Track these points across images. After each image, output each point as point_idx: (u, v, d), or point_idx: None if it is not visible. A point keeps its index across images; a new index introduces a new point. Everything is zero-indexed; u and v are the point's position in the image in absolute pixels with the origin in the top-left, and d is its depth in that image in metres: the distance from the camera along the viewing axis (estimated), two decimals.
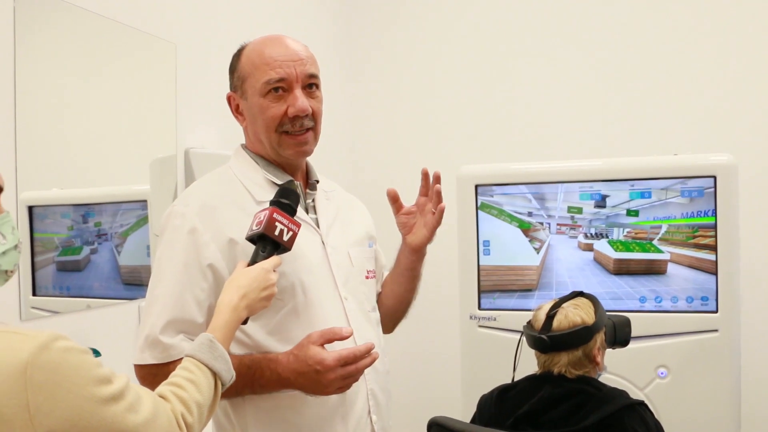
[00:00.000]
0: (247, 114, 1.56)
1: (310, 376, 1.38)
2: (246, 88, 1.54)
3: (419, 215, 1.71)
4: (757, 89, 3.16)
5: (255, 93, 1.52)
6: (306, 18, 3.37)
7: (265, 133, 1.53)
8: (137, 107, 2.27)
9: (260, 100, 1.51)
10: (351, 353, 1.39)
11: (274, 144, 1.54)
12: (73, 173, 2.07)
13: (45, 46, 1.92)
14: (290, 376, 1.40)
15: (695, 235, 2.54)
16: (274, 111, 1.51)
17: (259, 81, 1.51)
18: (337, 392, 1.42)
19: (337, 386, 1.40)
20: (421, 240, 1.70)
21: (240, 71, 1.55)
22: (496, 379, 2.07)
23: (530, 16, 3.49)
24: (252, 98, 1.53)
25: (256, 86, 1.51)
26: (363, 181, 3.65)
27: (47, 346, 0.93)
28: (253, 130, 1.56)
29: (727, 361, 2.51)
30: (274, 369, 1.41)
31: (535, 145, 3.43)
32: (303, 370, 1.38)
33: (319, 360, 1.37)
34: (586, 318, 1.90)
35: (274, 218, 1.35)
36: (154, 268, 1.48)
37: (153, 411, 1.03)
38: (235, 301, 1.27)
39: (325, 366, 1.37)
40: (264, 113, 1.52)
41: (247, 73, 1.53)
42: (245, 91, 1.54)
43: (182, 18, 2.45)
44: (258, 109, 1.52)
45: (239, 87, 1.56)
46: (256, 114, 1.53)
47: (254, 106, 1.53)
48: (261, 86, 1.51)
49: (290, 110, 1.51)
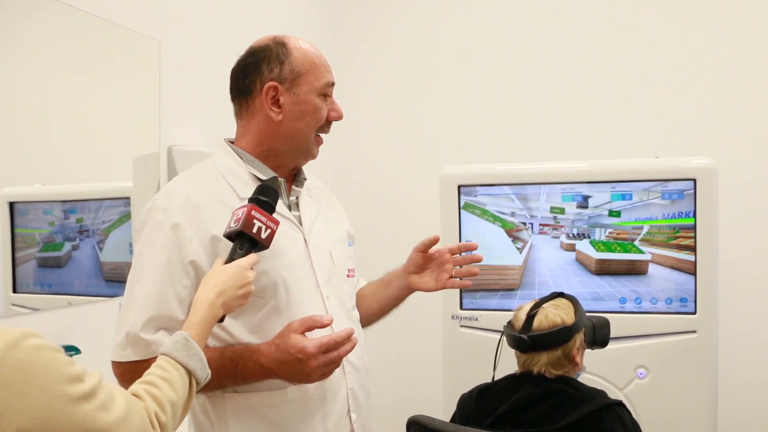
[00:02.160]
0: (291, 108, 1.53)
1: (292, 365, 1.38)
2: (300, 82, 1.53)
3: (435, 265, 1.77)
4: (738, 94, 3.19)
5: (311, 90, 1.54)
6: (290, 18, 3.37)
7: (307, 131, 1.56)
8: (120, 104, 2.26)
9: (316, 99, 1.54)
10: (332, 339, 1.39)
11: (310, 143, 1.57)
12: (56, 169, 2.05)
13: (27, 42, 1.91)
14: (273, 365, 1.39)
15: (676, 236, 2.57)
16: (324, 113, 1.56)
17: (320, 81, 1.54)
18: (319, 379, 1.43)
19: (320, 373, 1.40)
20: (424, 288, 1.77)
21: (294, 65, 1.53)
22: (477, 378, 2.08)
23: (514, 19, 3.51)
24: (307, 95, 1.53)
25: (315, 84, 1.54)
26: (347, 181, 3.66)
27: (17, 344, 0.92)
28: (292, 125, 1.54)
29: (705, 362, 2.54)
30: (256, 360, 1.40)
31: (519, 147, 3.45)
32: (285, 359, 1.38)
33: (300, 348, 1.37)
34: (566, 318, 1.92)
35: (252, 215, 1.35)
36: (134, 264, 1.46)
37: (126, 410, 1.01)
38: (212, 298, 1.26)
39: (306, 354, 1.36)
40: (317, 113, 1.55)
41: (305, 69, 1.53)
42: (298, 85, 1.53)
43: (166, 15, 2.44)
44: (312, 107, 1.54)
45: (289, 80, 1.53)
46: (308, 111, 1.54)
47: (307, 104, 1.53)
48: (321, 86, 1.55)
49: (333, 114, 1.58)
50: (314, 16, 3.62)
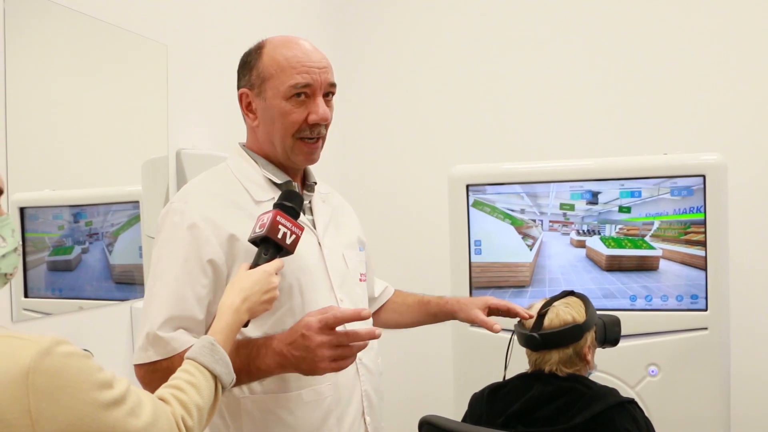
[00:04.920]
0: (262, 114, 1.52)
1: (298, 344, 1.34)
2: (266, 88, 1.50)
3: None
4: (746, 89, 3.18)
5: (277, 95, 1.49)
6: (297, 19, 3.37)
7: (281, 136, 1.51)
8: (129, 108, 2.27)
9: (282, 103, 1.49)
10: (335, 317, 1.34)
11: (287, 148, 1.52)
12: (65, 174, 2.06)
13: (36, 47, 1.91)
14: (283, 348, 1.36)
15: (687, 231, 2.55)
16: (296, 116, 1.50)
17: (285, 84, 1.48)
18: (330, 367, 1.35)
19: (327, 355, 1.33)
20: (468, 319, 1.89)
21: (261, 69, 1.51)
22: (488, 378, 2.08)
23: (521, 17, 3.50)
24: (273, 100, 1.50)
25: (280, 88, 1.49)
26: (355, 182, 3.66)
27: (49, 351, 0.94)
28: (267, 131, 1.53)
29: (716, 359, 2.53)
30: (269, 344, 1.38)
31: (527, 145, 3.44)
32: (292, 339, 1.35)
33: (305, 324, 1.34)
34: (577, 316, 1.91)
35: (277, 221, 1.35)
36: (152, 266, 1.46)
37: (153, 414, 1.03)
38: (237, 303, 1.27)
39: (310, 328, 1.33)
40: (285, 117, 1.50)
41: (270, 74, 1.50)
42: (264, 91, 1.51)
43: (173, 19, 2.45)
44: (278, 112, 1.50)
45: (257, 85, 1.51)
46: (275, 116, 1.50)
47: (274, 108, 1.50)
48: (286, 89, 1.49)
49: (312, 117, 1.50)
50: (322, 19, 3.62)
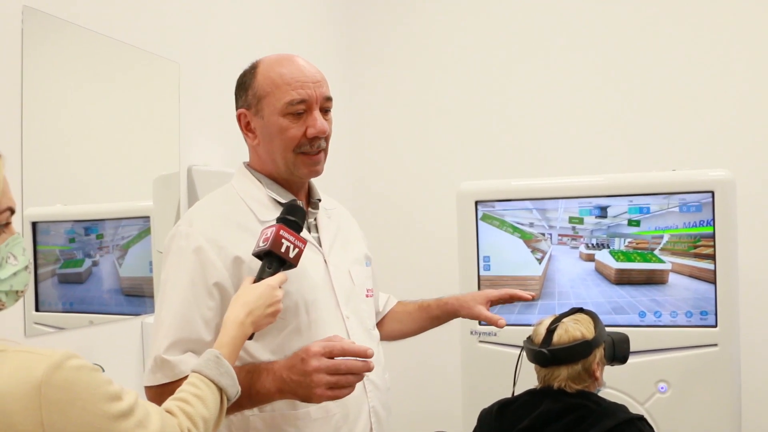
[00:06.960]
0: (261, 132, 1.54)
1: (297, 368, 1.33)
2: (263, 106, 1.52)
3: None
4: (755, 105, 3.18)
5: (274, 112, 1.51)
6: (307, 36, 3.40)
7: (281, 152, 1.53)
8: (141, 125, 2.29)
9: (280, 120, 1.51)
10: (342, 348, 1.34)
11: (289, 163, 1.54)
12: (77, 190, 2.08)
13: (51, 65, 1.94)
14: (282, 372, 1.36)
15: (697, 245, 2.55)
16: (294, 132, 1.51)
17: (281, 101, 1.50)
18: (325, 395, 1.33)
19: (324, 381, 1.32)
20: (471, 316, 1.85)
21: (256, 89, 1.53)
22: (496, 393, 2.08)
23: (530, 33, 3.52)
24: (270, 117, 1.52)
25: (276, 105, 1.51)
26: (363, 196, 3.68)
27: (60, 365, 0.96)
28: (267, 149, 1.55)
29: (727, 375, 2.52)
30: (270, 368, 1.38)
31: (536, 161, 3.45)
32: (292, 363, 1.35)
33: (305, 348, 1.34)
34: (586, 333, 1.92)
35: (280, 235, 1.36)
36: (160, 290, 1.48)
37: (161, 426, 1.05)
38: (241, 317, 1.29)
39: (309, 352, 1.32)
40: (284, 133, 1.51)
41: (265, 92, 1.52)
42: (261, 110, 1.53)
43: (185, 38, 2.48)
44: (277, 129, 1.51)
45: (254, 104, 1.53)
46: (274, 133, 1.52)
47: (272, 126, 1.52)
48: (282, 106, 1.50)
49: (310, 131, 1.51)
50: (330, 34, 3.65)
